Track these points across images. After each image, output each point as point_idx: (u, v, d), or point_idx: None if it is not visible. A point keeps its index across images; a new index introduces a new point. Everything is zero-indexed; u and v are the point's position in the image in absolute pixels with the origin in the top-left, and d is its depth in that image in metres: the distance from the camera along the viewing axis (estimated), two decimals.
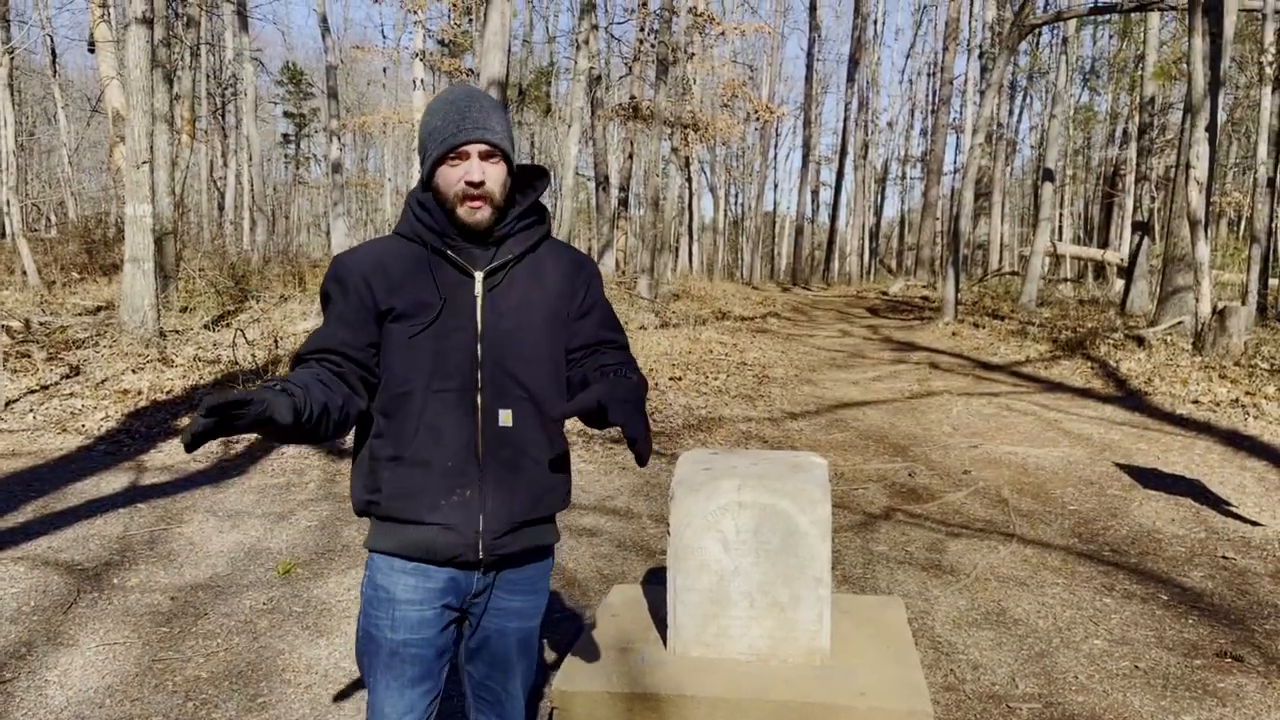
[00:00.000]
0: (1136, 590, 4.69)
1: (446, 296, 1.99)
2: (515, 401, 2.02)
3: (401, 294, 1.98)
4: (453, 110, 1.98)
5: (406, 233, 2.04)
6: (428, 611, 2.03)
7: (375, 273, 2.00)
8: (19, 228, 17.10)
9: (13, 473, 6.57)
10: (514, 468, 2.03)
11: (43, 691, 3.56)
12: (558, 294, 2.10)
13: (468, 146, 1.96)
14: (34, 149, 37.67)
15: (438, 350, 1.98)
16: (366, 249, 2.06)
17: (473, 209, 1.97)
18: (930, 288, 24.59)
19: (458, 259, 2.00)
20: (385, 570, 2.03)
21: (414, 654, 2.03)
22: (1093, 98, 35.67)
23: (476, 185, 1.95)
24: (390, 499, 1.99)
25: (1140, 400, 9.35)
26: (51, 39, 24.05)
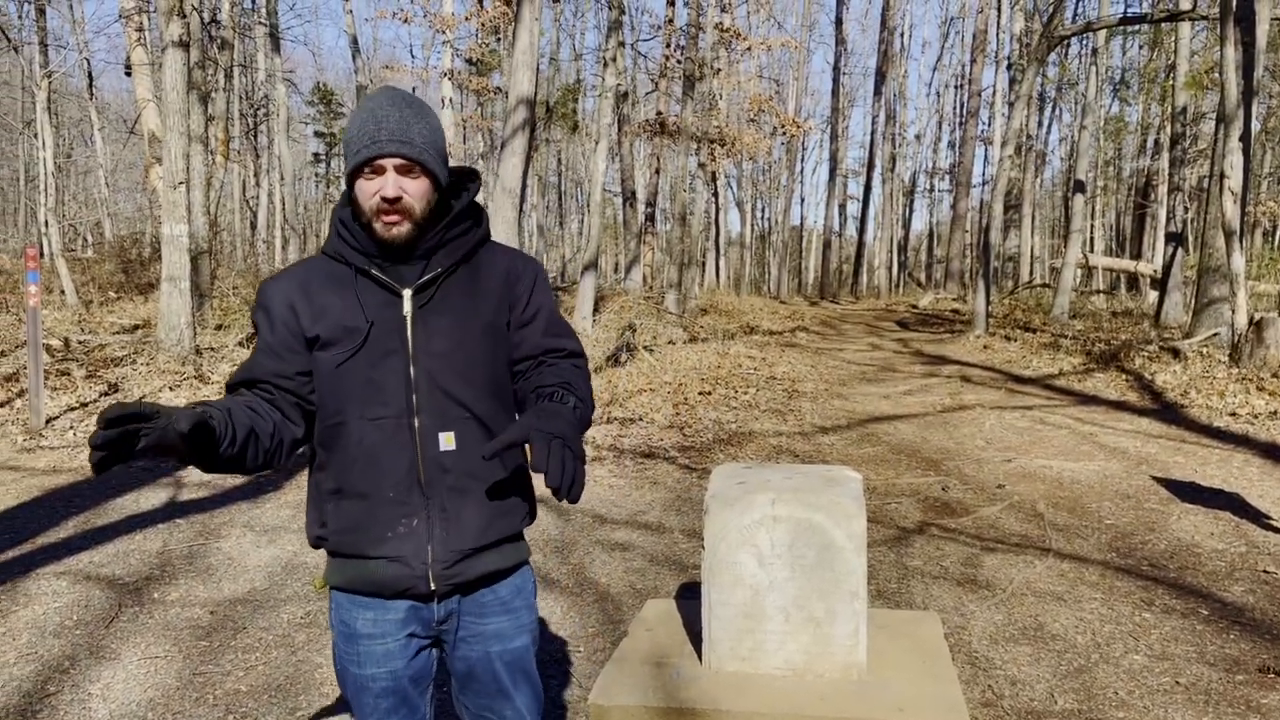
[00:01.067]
0: (1176, 605, 4.64)
1: (373, 319, 1.86)
2: (457, 423, 1.88)
3: (325, 319, 1.86)
4: (369, 119, 1.81)
5: (331, 252, 1.91)
6: (391, 644, 1.93)
7: (299, 298, 1.89)
8: (58, 248, 17.41)
9: (54, 489, 6.68)
10: (461, 492, 1.89)
11: (86, 704, 3.62)
12: (496, 304, 1.94)
13: (382, 160, 1.79)
14: (71, 170, 38.35)
15: (369, 377, 1.85)
16: (291, 273, 1.94)
17: (388, 224, 1.82)
18: (960, 301, 24.44)
19: (382, 277, 1.86)
20: (345, 605, 1.95)
21: (384, 687, 1.94)
22: (1123, 108, 35.39)
23: (392, 202, 1.80)
24: (336, 534, 1.90)
25: (1177, 413, 9.24)
26: (89, 63, 24.50)
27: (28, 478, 6.94)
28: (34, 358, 8.11)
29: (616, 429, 8.80)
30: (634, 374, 11.08)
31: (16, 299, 15.82)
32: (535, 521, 2.06)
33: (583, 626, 4.44)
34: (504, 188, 11.85)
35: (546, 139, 31.41)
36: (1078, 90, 32.15)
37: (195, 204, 13.12)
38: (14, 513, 6.11)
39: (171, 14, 10.51)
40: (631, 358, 11.94)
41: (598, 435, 8.53)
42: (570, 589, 4.92)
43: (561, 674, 3.93)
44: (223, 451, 1.68)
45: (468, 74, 25.06)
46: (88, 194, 39.96)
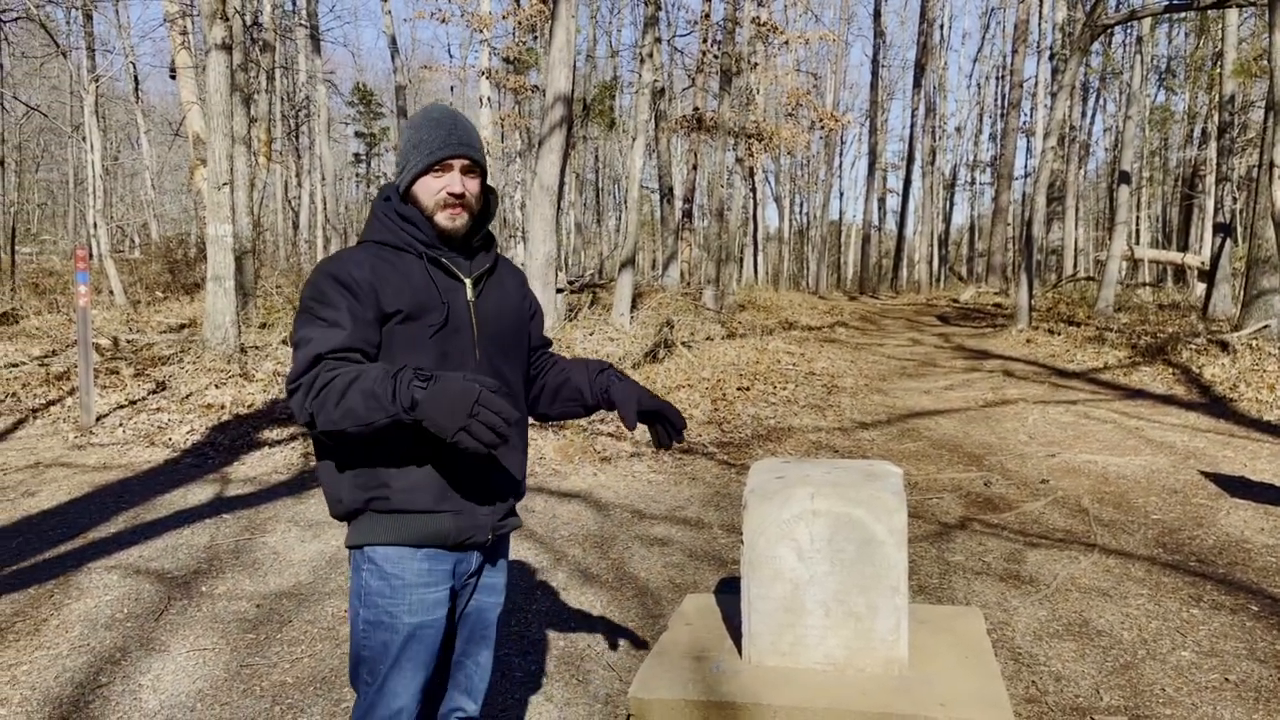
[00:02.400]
0: (1225, 601, 4.56)
1: (447, 301, 2.12)
2: (504, 396, 2.06)
3: (404, 296, 2.07)
4: (438, 126, 2.11)
5: (392, 241, 2.13)
6: (442, 592, 2.15)
7: (378, 277, 2.07)
8: (106, 249, 17.75)
9: (105, 485, 6.82)
10: (505, 456, 2.19)
11: (137, 695, 3.69)
12: (518, 302, 2.32)
13: (453, 160, 2.10)
14: (119, 173, 39.08)
15: (444, 350, 2.10)
16: (356, 255, 2.10)
17: (453, 215, 2.12)
18: (1002, 294, 24.16)
19: (450, 265, 2.15)
20: (394, 560, 2.10)
21: (431, 635, 2.14)
22: (1169, 97, 34.76)
23: (458, 197, 2.11)
24: (401, 492, 2.07)
25: (1225, 406, 9.07)
26: (135, 66, 24.92)
27: (79, 474, 7.09)
28: (84, 356, 8.28)
29: None
30: (672, 370, 11.08)
31: (67, 299, 16.16)
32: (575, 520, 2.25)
33: (622, 620, 4.46)
34: (542, 185, 11.89)
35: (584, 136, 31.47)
36: (1122, 80, 31.63)
37: (239, 204, 13.31)
38: (66, 508, 6.25)
39: (214, 17, 10.67)
40: (669, 354, 11.94)
41: (636, 431, 8.55)
42: (610, 583, 4.94)
43: (601, 668, 3.95)
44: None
45: (505, 72, 25.16)
46: (135, 196, 40.70)
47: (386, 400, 1.85)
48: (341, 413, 1.89)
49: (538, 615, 4.52)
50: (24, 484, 6.81)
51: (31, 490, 6.66)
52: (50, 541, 5.56)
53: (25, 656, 4.03)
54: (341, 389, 1.90)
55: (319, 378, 1.94)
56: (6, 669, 3.91)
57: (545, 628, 4.37)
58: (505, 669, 3.92)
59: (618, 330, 14.15)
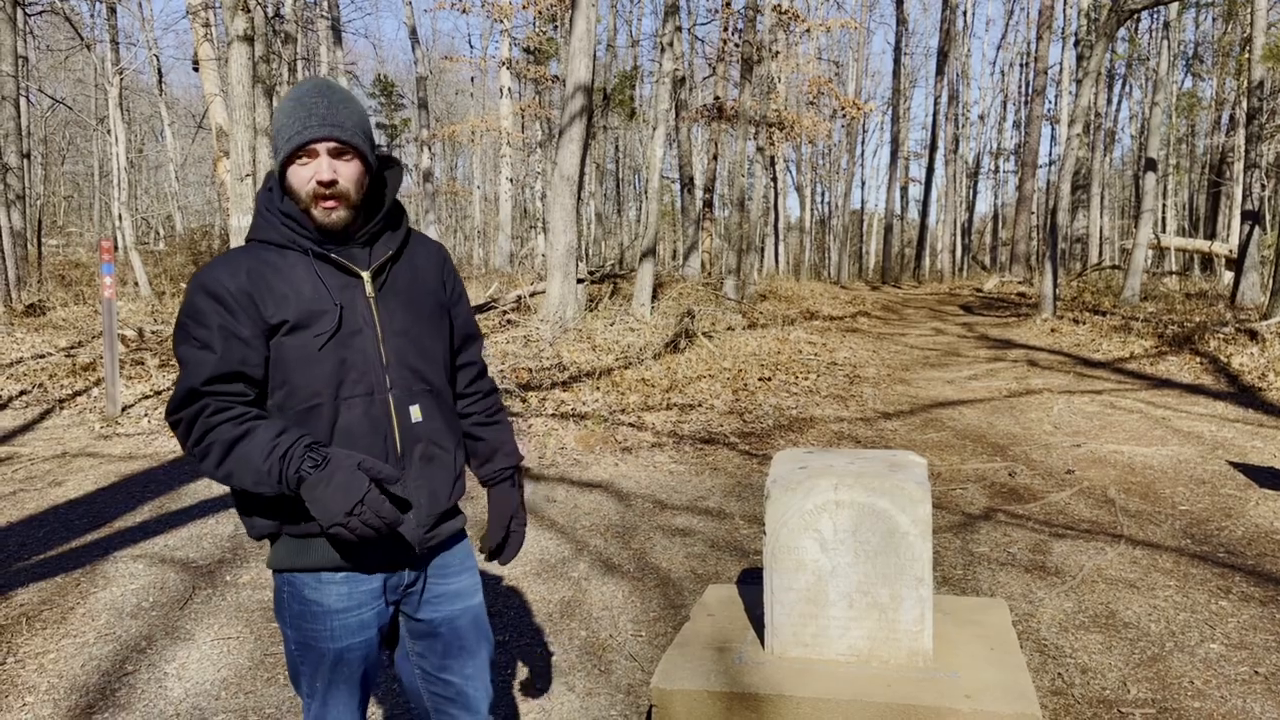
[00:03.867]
0: (1255, 593, 4.50)
1: (340, 301, 1.90)
2: (421, 396, 2.00)
3: (290, 304, 1.86)
4: (299, 107, 1.85)
5: (275, 239, 1.90)
6: (367, 614, 1.99)
7: (255, 284, 1.85)
8: (131, 241, 17.90)
9: (131, 475, 6.88)
10: (429, 460, 2.01)
11: (162, 683, 3.72)
12: (435, 285, 2.10)
13: (316, 144, 1.84)
14: (143, 165, 39.38)
15: (343, 358, 1.89)
16: (234, 260, 1.88)
17: (327, 210, 1.87)
18: (1026, 284, 23.96)
19: (342, 260, 1.91)
20: (311, 585, 1.95)
21: (359, 655, 2.00)
22: (1196, 83, 34.33)
23: (327, 185, 1.84)
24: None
25: (1254, 396, 8.96)
26: (158, 59, 25.08)
27: (105, 464, 7.15)
28: (109, 347, 8.35)
29: (676, 415, 8.79)
30: (693, 360, 11.05)
31: (92, 291, 16.31)
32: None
33: (644, 611, 4.45)
34: (562, 175, 11.88)
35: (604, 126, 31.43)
36: (1148, 66, 31.24)
37: None
38: (93, 497, 6.31)
39: (236, 9, 10.71)
40: (690, 344, 11.92)
41: (657, 422, 8.54)
42: (632, 574, 4.93)
43: (623, 658, 3.94)
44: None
45: (525, 62, 25.16)
46: (159, 188, 41.02)
47: (271, 480, 1.77)
48: (225, 474, 1.81)
49: (560, 605, 4.52)
50: (51, 474, 6.88)
51: (58, 480, 6.72)
52: (77, 531, 5.61)
53: (52, 644, 4.07)
54: (223, 449, 1.79)
55: (198, 422, 1.81)
56: (34, 657, 3.95)
57: (567, 618, 4.37)
58: (528, 658, 3.92)
59: (638, 320, 14.13)
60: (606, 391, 9.45)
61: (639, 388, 9.75)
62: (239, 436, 1.80)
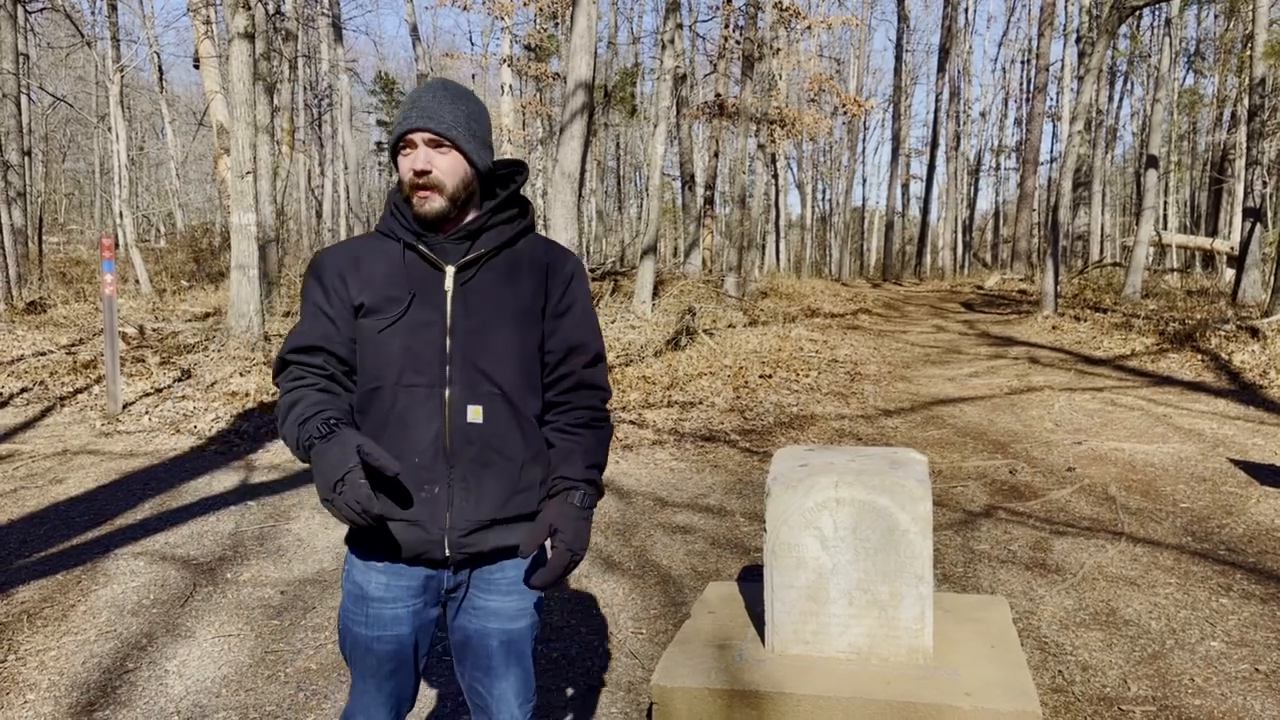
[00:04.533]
0: (1256, 590, 4.50)
1: (415, 291, 1.96)
2: (486, 398, 1.97)
3: (371, 288, 1.97)
4: (408, 101, 1.96)
5: (384, 229, 2.03)
6: (400, 609, 2.01)
7: (349, 267, 1.99)
8: (132, 238, 17.91)
9: (131, 472, 6.88)
10: (484, 465, 1.97)
11: (163, 681, 3.72)
12: (533, 291, 2.03)
13: (413, 135, 1.92)
14: (144, 163, 39.37)
15: (408, 345, 1.95)
16: (344, 244, 2.05)
17: (421, 199, 1.93)
18: (1028, 281, 23.95)
19: (428, 253, 1.97)
20: (360, 567, 2.02)
21: (388, 650, 2.02)
22: (1198, 80, 34.27)
23: (421, 174, 1.91)
24: None
25: (1255, 394, 8.95)
26: (159, 57, 25.06)
27: (106, 461, 7.15)
28: (110, 345, 8.35)
29: (677, 412, 8.79)
30: (694, 357, 11.05)
31: (93, 288, 16.31)
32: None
33: (645, 609, 4.45)
34: (563, 172, 11.87)
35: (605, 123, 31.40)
36: (1150, 63, 31.21)
37: (262, 193, 13.37)
38: (94, 495, 6.31)
39: (237, 6, 10.70)
40: (691, 341, 11.91)
41: (658, 419, 8.54)
42: (632, 571, 4.94)
43: (624, 655, 3.95)
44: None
45: (526, 60, 25.14)
46: (160, 185, 41.02)
47: (294, 446, 1.90)
48: (282, 435, 1.95)
49: (560, 602, 4.52)
50: (52, 471, 6.88)
51: (60, 477, 6.72)
52: (78, 528, 5.62)
53: (53, 642, 4.07)
54: (283, 413, 1.95)
55: (281, 386, 2.01)
56: (35, 654, 3.95)
57: (567, 615, 4.37)
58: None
59: (639, 318, 14.13)
60: None
61: (640, 385, 9.75)
62: (293, 403, 1.94)
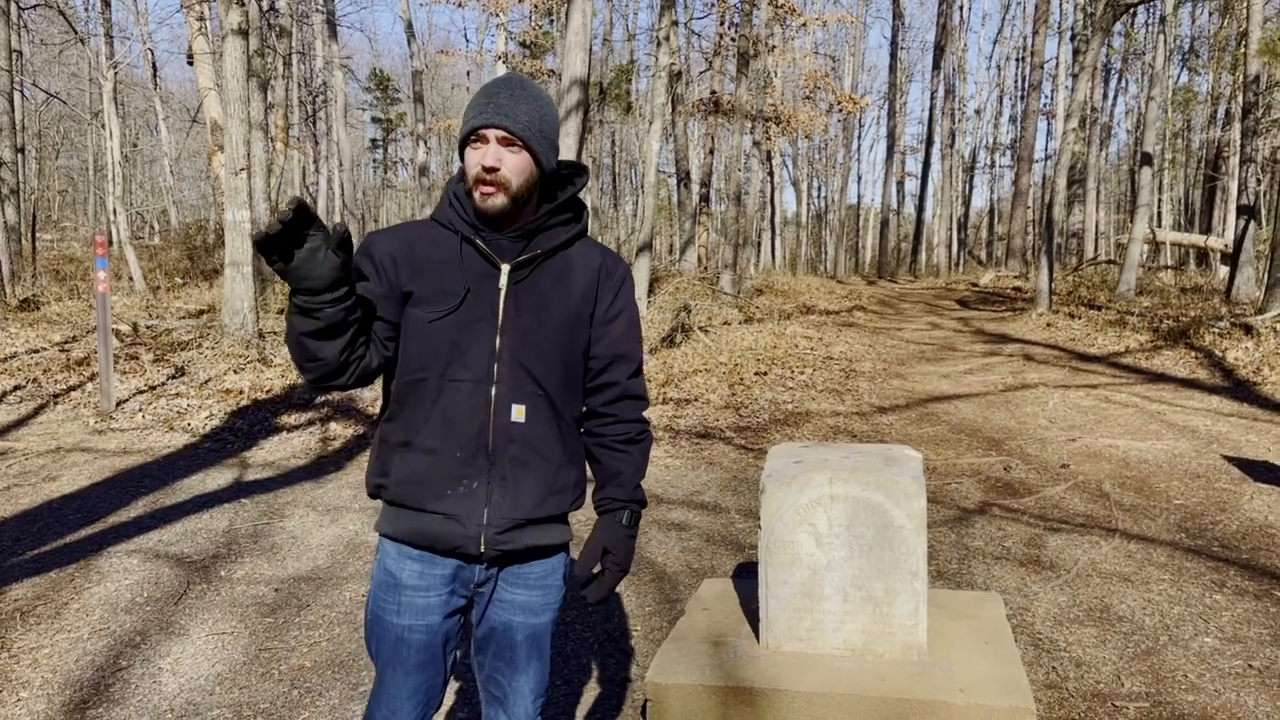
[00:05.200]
0: (1249, 587, 4.51)
1: (470, 286, 1.96)
2: (530, 398, 1.98)
3: (425, 278, 1.96)
4: (483, 95, 1.95)
5: (441, 219, 2.02)
6: (433, 598, 2.02)
7: (402, 253, 1.98)
8: (125, 235, 17.86)
9: (125, 470, 6.86)
10: (523, 464, 1.98)
11: (156, 678, 3.71)
12: (583, 295, 2.05)
13: (486, 131, 1.91)
14: (137, 159, 39.26)
15: (457, 340, 1.95)
16: (399, 229, 2.04)
17: (485, 194, 1.93)
18: (1022, 278, 23.98)
19: (486, 249, 1.97)
20: (393, 555, 2.03)
21: (419, 640, 2.02)
22: (1192, 78, 34.32)
23: (489, 170, 1.90)
24: (398, 484, 1.98)
25: (1249, 390, 8.97)
26: (152, 53, 24.99)
27: (99, 459, 7.13)
28: (103, 342, 8.33)
29: (672, 409, 8.79)
30: (689, 355, 11.05)
31: (87, 285, 16.27)
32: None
33: (640, 606, 4.45)
34: None
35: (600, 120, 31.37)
36: (1144, 60, 31.24)
37: (257, 190, 13.34)
38: (87, 492, 6.29)
39: (231, 3, 10.66)
40: (687, 339, 11.91)
41: (653, 416, 8.53)
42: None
43: (619, 652, 3.94)
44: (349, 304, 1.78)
45: (521, 57, 25.12)
46: (154, 182, 40.92)
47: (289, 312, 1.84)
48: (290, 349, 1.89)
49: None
50: (45, 469, 6.86)
51: (53, 475, 6.71)
52: (71, 526, 5.60)
53: (46, 640, 4.06)
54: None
55: None
56: (28, 652, 3.94)
57: (563, 611, 4.36)
58: None
59: None
60: None
61: None
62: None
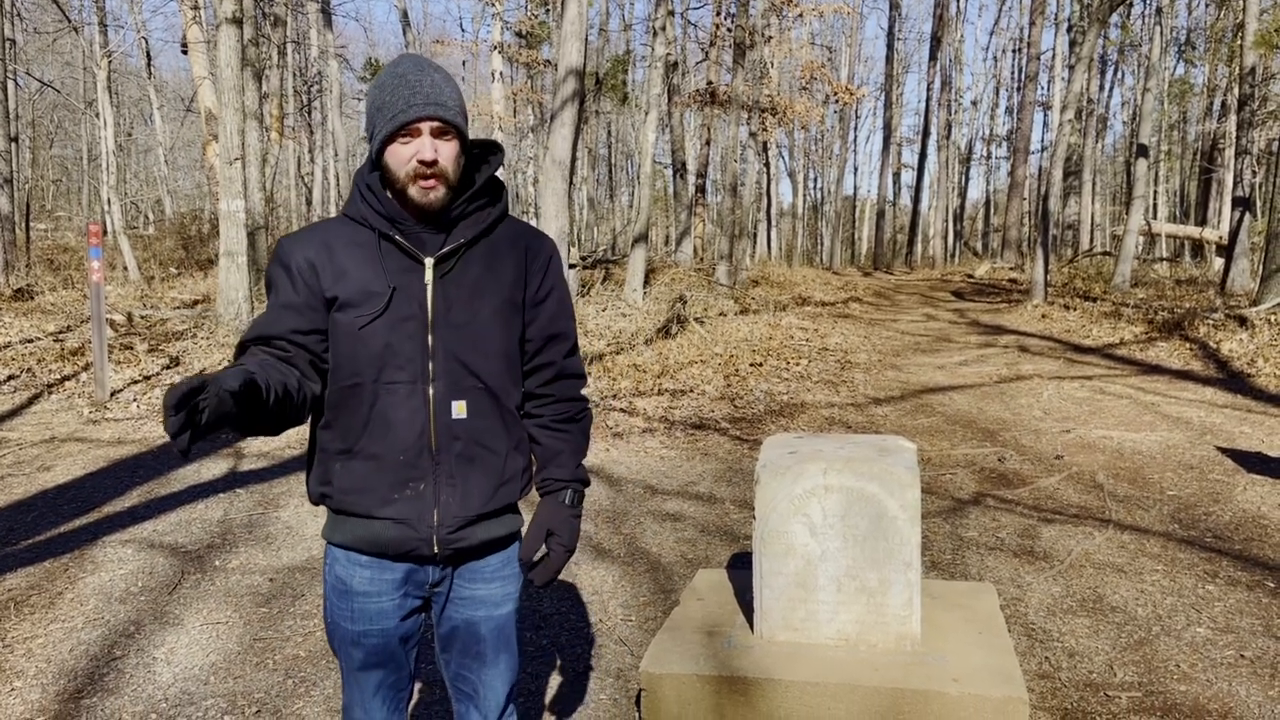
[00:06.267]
0: (1241, 577, 4.52)
1: (395, 285, 1.89)
2: (469, 393, 1.93)
3: (347, 281, 1.88)
4: (402, 84, 1.84)
5: (354, 215, 1.93)
6: (386, 603, 1.99)
7: (320, 257, 1.90)
8: (120, 225, 17.80)
9: (119, 460, 6.85)
10: (469, 460, 1.94)
11: (151, 668, 3.71)
12: (513, 279, 1.99)
13: (420, 123, 1.83)
14: (132, 149, 39.11)
15: (388, 342, 1.88)
16: (311, 231, 1.95)
17: (425, 189, 1.85)
18: (1018, 270, 23.99)
19: (406, 244, 1.89)
20: (343, 562, 1.99)
21: (374, 644, 2.00)
22: (1188, 70, 34.32)
23: (429, 164, 1.83)
24: (342, 493, 1.92)
25: (1243, 382, 8.99)
26: (146, 42, 24.89)
27: (94, 449, 7.12)
28: (98, 332, 8.30)
29: (667, 400, 8.79)
30: (685, 346, 11.05)
31: (81, 275, 16.21)
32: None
33: (634, 596, 4.46)
34: (554, 160, 11.83)
35: (596, 111, 31.31)
36: (1141, 52, 31.23)
37: (251, 180, 13.30)
38: (81, 482, 6.28)
39: None
40: (682, 329, 11.91)
41: (649, 407, 8.54)
42: (622, 559, 4.94)
43: (613, 642, 3.95)
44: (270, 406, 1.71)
45: (517, 47, 25.03)
46: (148, 172, 40.77)
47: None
48: None
49: (549, 590, 4.52)
50: (39, 458, 6.85)
51: (47, 465, 6.69)
52: (65, 516, 5.59)
53: (40, 629, 4.06)
54: None
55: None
56: (22, 642, 3.94)
57: (557, 602, 4.37)
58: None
59: (630, 306, 14.11)
60: (598, 377, 9.44)
61: (630, 373, 9.74)
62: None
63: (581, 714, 3.37)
